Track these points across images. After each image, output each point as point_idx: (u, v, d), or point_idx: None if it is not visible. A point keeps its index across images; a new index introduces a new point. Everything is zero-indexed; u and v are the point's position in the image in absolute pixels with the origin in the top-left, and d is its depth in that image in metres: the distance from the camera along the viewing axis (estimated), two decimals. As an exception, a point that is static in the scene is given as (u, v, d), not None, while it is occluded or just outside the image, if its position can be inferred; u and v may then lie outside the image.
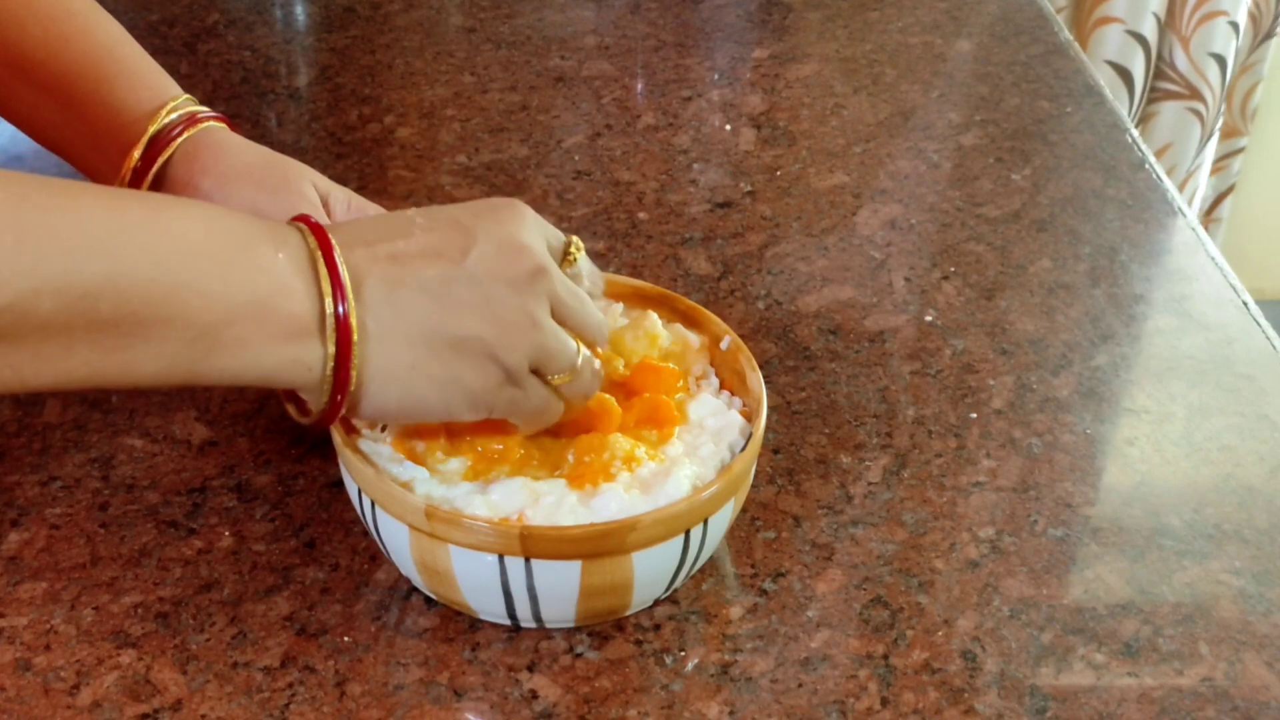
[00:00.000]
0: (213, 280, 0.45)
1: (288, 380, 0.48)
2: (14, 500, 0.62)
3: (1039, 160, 0.93)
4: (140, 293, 0.43)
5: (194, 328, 0.45)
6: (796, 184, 0.90)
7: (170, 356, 0.45)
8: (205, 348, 0.45)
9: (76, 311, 0.42)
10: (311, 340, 0.47)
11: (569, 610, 0.55)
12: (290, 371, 0.48)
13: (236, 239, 0.46)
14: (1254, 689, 0.56)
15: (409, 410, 0.51)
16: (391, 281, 0.49)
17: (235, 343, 0.46)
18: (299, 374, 0.48)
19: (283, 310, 0.46)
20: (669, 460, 0.56)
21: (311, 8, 1.10)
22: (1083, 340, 0.76)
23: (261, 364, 0.47)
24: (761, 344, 0.74)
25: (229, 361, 0.46)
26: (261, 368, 0.47)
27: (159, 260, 0.44)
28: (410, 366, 0.49)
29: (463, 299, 0.50)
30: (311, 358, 0.47)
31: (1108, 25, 1.81)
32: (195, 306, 0.45)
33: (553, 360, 0.53)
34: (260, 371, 0.47)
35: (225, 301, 0.45)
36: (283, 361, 0.47)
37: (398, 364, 0.49)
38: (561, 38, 1.06)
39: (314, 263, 0.47)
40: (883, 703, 0.55)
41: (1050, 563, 0.62)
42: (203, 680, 0.54)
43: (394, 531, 0.54)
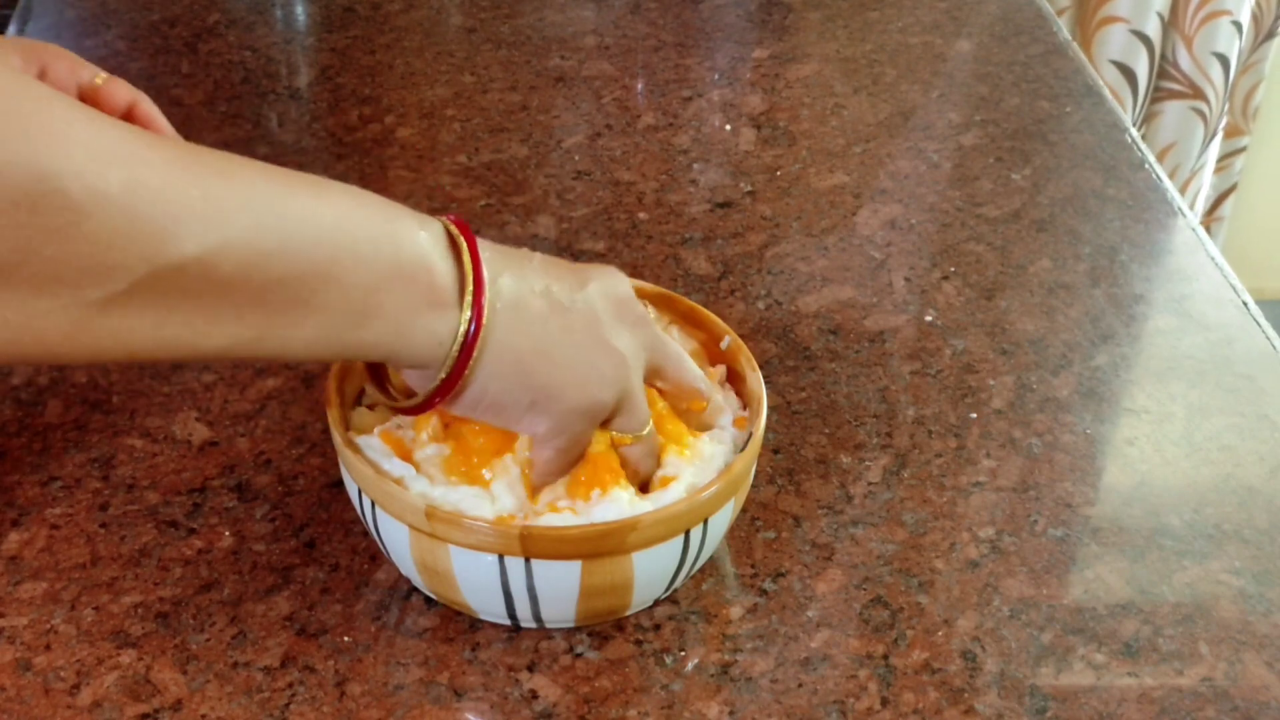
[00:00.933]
0: (368, 248, 0.47)
1: (417, 352, 0.49)
2: (14, 500, 0.62)
3: (1039, 160, 0.93)
4: (306, 257, 0.45)
5: (349, 294, 0.46)
6: (796, 184, 0.90)
7: (326, 324, 0.46)
8: (357, 315, 0.47)
9: (253, 272, 0.44)
10: (448, 311, 0.49)
11: (569, 610, 0.55)
12: (424, 344, 0.49)
13: (384, 214, 0.48)
14: (1254, 689, 0.56)
15: (501, 406, 0.52)
16: (520, 281, 0.51)
17: (382, 310, 0.47)
18: (430, 347, 0.49)
19: (425, 280, 0.48)
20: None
21: (312, 8, 1.10)
22: (1083, 340, 0.76)
23: (402, 333, 0.48)
24: (761, 344, 0.74)
25: (376, 330, 0.48)
26: (401, 337, 0.48)
27: (322, 227, 0.46)
28: (519, 360, 0.51)
29: (575, 323, 0.52)
30: (445, 328, 0.49)
31: (1111, 25, 1.81)
32: (351, 271, 0.46)
33: (629, 414, 0.54)
34: (397, 344, 0.49)
35: (377, 267, 0.47)
36: (420, 332, 0.49)
37: (511, 358, 0.51)
38: (561, 38, 1.06)
39: (455, 243, 0.50)
40: (883, 703, 0.55)
41: (1050, 563, 0.62)
42: (203, 680, 0.54)
43: (394, 531, 0.54)
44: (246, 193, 0.44)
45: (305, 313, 0.46)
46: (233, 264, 0.43)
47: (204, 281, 0.43)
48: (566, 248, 0.82)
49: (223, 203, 0.43)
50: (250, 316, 0.45)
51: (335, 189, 0.48)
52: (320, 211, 0.46)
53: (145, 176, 0.41)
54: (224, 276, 0.43)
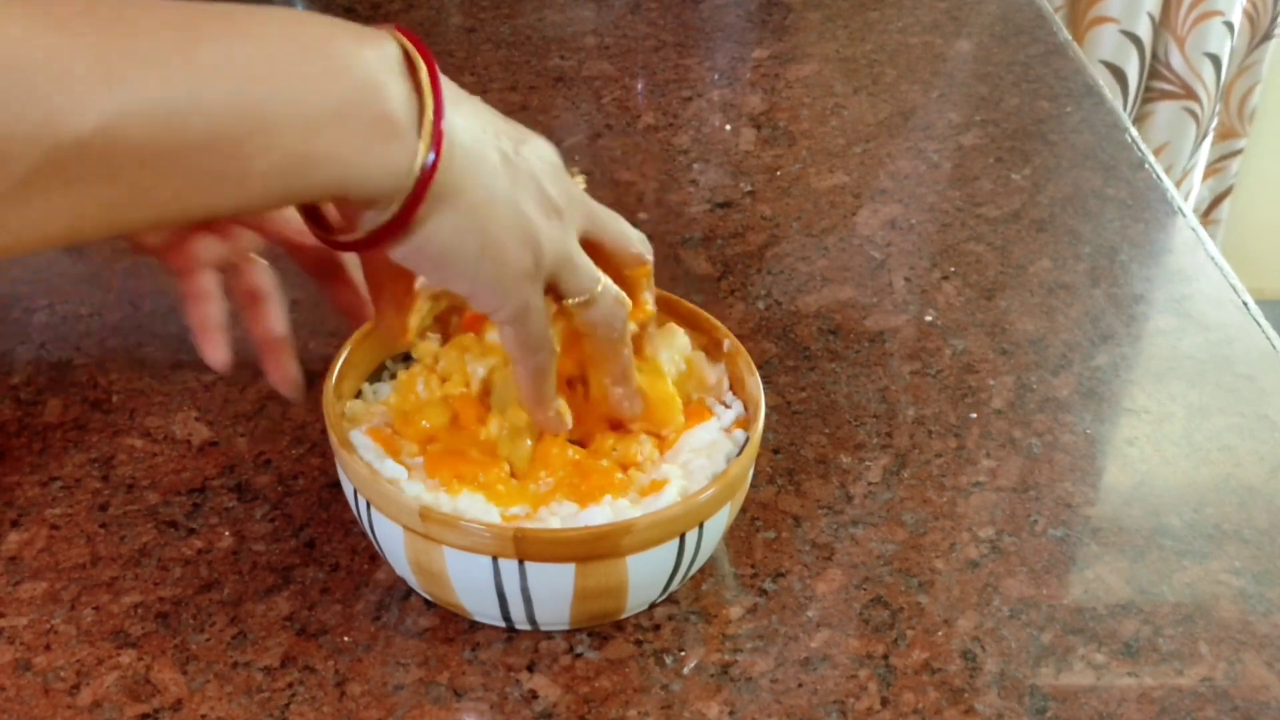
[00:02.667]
0: (302, 87, 0.42)
1: (371, 186, 0.44)
2: (14, 500, 0.62)
3: (1039, 160, 0.93)
4: (229, 110, 0.40)
5: (286, 142, 0.42)
6: (796, 184, 0.90)
7: (264, 179, 0.42)
8: (299, 162, 0.42)
9: (166, 135, 0.39)
10: (405, 140, 0.44)
11: (563, 613, 0.55)
12: (376, 177, 0.44)
13: (319, 41, 0.43)
14: (1254, 689, 0.56)
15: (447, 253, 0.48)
16: (473, 120, 0.47)
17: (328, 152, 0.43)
18: (384, 179, 0.44)
19: (375, 109, 0.43)
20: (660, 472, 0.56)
21: (312, 8, 1.10)
22: (1083, 340, 0.76)
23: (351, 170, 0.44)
24: (761, 344, 0.74)
25: (322, 173, 0.43)
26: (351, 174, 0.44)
27: (244, 72, 0.41)
28: (470, 208, 0.47)
29: (520, 176, 0.49)
30: (400, 159, 0.44)
31: (1102, 25, 1.82)
32: (285, 117, 0.41)
33: (575, 274, 0.51)
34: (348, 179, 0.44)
35: (317, 108, 0.42)
36: (371, 164, 0.44)
37: (464, 200, 0.47)
38: (561, 38, 1.06)
39: (411, 62, 0.45)
40: (883, 703, 0.55)
41: (1050, 563, 0.62)
42: (203, 680, 0.54)
43: (389, 532, 0.54)
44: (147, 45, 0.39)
45: (238, 172, 0.41)
46: (141, 132, 0.38)
47: (112, 156, 0.38)
48: (566, 248, 0.82)
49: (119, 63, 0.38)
50: (174, 185, 0.40)
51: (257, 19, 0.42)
52: (239, 53, 0.41)
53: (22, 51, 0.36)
54: (134, 147, 0.38)
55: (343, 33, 0.44)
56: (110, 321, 0.74)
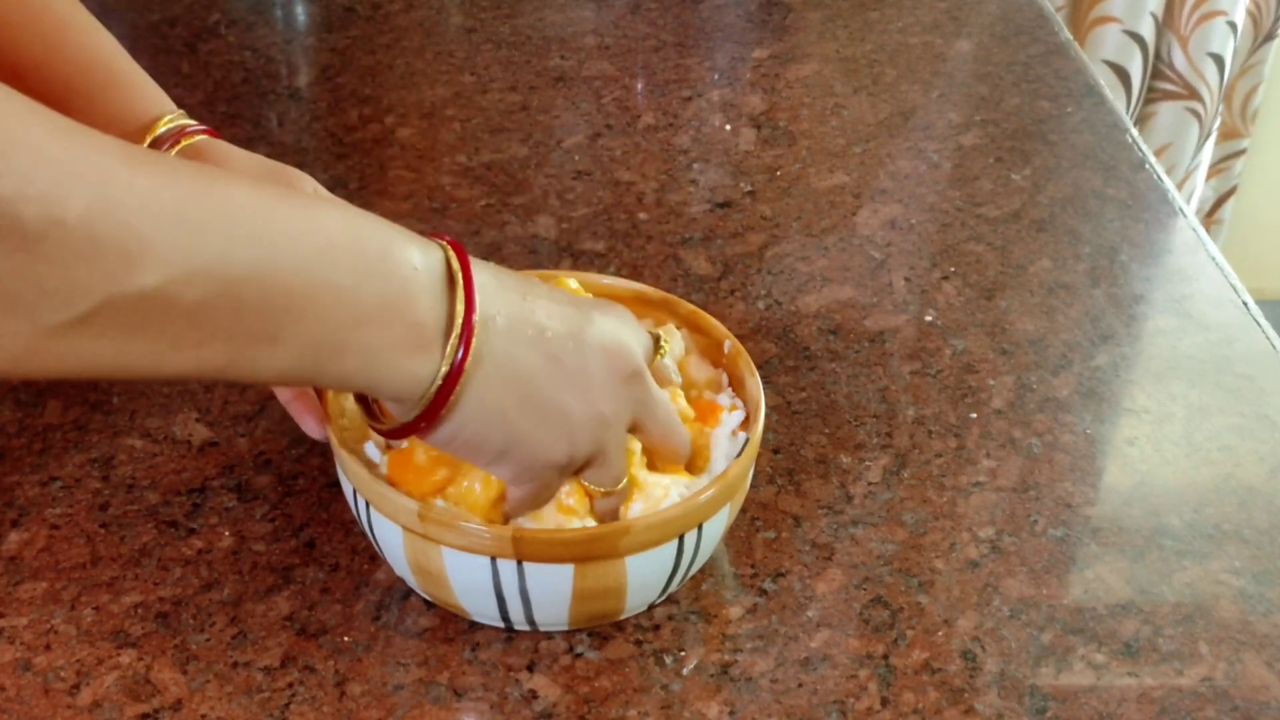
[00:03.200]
0: (350, 279, 0.44)
1: (394, 389, 0.47)
2: (14, 500, 0.62)
3: (1039, 160, 0.93)
4: (282, 285, 0.42)
5: (326, 326, 0.44)
6: (796, 184, 0.90)
7: (298, 356, 0.44)
8: (332, 349, 0.44)
9: (221, 300, 0.41)
10: (431, 353, 0.46)
11: (562, 614, 0.55)
12: (401, 382, 0.47)
13: (376, 242, 0.45)
14: (1254, 689, 0.56)
15: (474, 448, 0.50)
16: (516, 321, 0.49)
17: (360, 347, 0.45)
18: (407, 385, 0.47)
19: (409, 318, 0.46)
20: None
21: (312, 8, 1.10)
22: (1083, 340, 0.76)
23: (377, 370, 0.46)
24: (761, 344, 0.74)
25: (351, 365, 0.45)
26: (376, 374, 0.46)
27: (302, 254, 0.43)
28: (500, 409, 0.49)
29: (569, 371, 0.50)
30: (425, 370, 0.46)
31: (1105, 25, 1.81)
32: (330, 304, 0.43)
33: (603, 468, 0.53)
34: (374, 378, 0.46)
35: (359, 302, 0.44)
36: (398, 371, 0.46)
37: (492, 402, 0.48)
38: (561, 38, 1.06)
39: (452, 278, 0.47)
40: (883, 703, 0.55)
41: (1050, 563, 0.62)
42: (203, 680, 0.54)
43: (388, 532, 0.54)
44: (221, 216, 0.41)
45: (276, 344, 0.43)
46: (199, 292, 0.40)
47: (168, 309, 0.40)
48: (566, 248, 0.82)
49: (193, 228, 0.40)
50: (216, 344, 0.42)
51: (326, 209, 0.45)
52: (304, 239, 0.43)
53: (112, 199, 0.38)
54: (189, 305, 0.40)
55: (398, 236, 0.46)
56: (110, 321, 0.74)
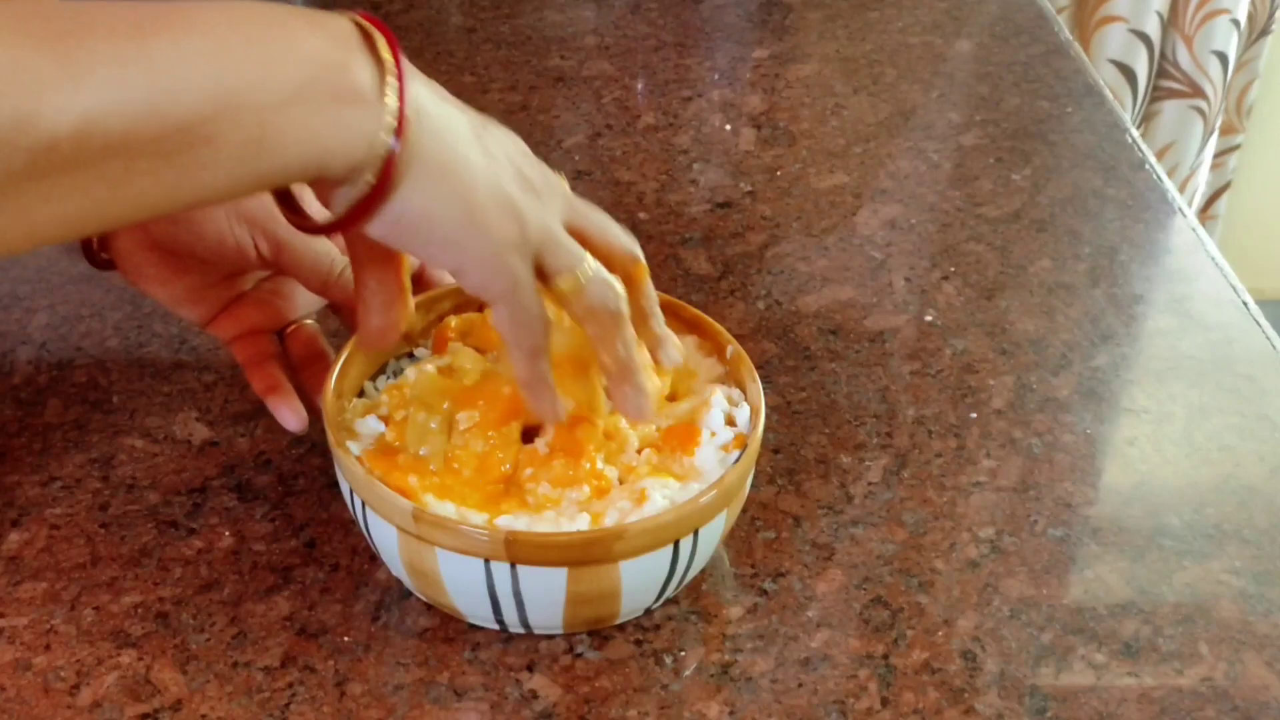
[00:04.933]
0: (262, 69, 0.43)
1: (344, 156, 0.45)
2: (14, 500, 0.62)
3: (1039, 160, 0.93)
4: (192, 99, 0.41)
5: (253, 122, 0.43)
6: (796, 184, 0.90)
7: (239, 159, 0.43)
8: (271, 141, 0.44)
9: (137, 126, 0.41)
10: (369, 108, 0.45)
11: (556, 617, 0.55)
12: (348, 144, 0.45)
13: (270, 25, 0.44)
14: (1254, 689, 0.56)
15: (429, 222, 0.48)
16: (434, 93, 0.48)
17: (296, 128, 0.44)
18: (355, 146, 0.45)
19: (338, 80, 0.45)
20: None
21: (314, 5, 1.10)
22: (1083, 340, 0.76)
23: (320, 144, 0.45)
24: (761, 344, 0.74)
25: (292, 150, 0.44)
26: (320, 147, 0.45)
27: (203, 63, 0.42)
28: (445, 175, 0.47)
29: (494, 146, 0.49)
30: (367, 124, 0.45)
31: (1111, 24, 1.81)
32: (249, 99, 0.43)
33: (560, 251, 0.51)
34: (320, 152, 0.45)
35: (279, 87, 0.43)
36: (341, 135, 0.45)
37: (437, 165, 0.47)
38: (561, 38, 1.06)
39: (370, 37, 0.46)
40: (883, 703, 0.55)
41: (1050, 563, 0.62)
42: (203, 680, 0.54)
43: (383, 533, 0.54)
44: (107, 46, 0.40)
45: (212, 154, 0.42)
46: (113, 126, 0.40)
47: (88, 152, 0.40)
48: (566, 248, 0.82)
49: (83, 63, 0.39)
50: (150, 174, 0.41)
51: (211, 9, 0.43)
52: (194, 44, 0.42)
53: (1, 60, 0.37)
54: (108, 142, 0.40)
55: (295, 16, 0.45)
56: (110, 321, 0.74)
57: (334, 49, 0.45)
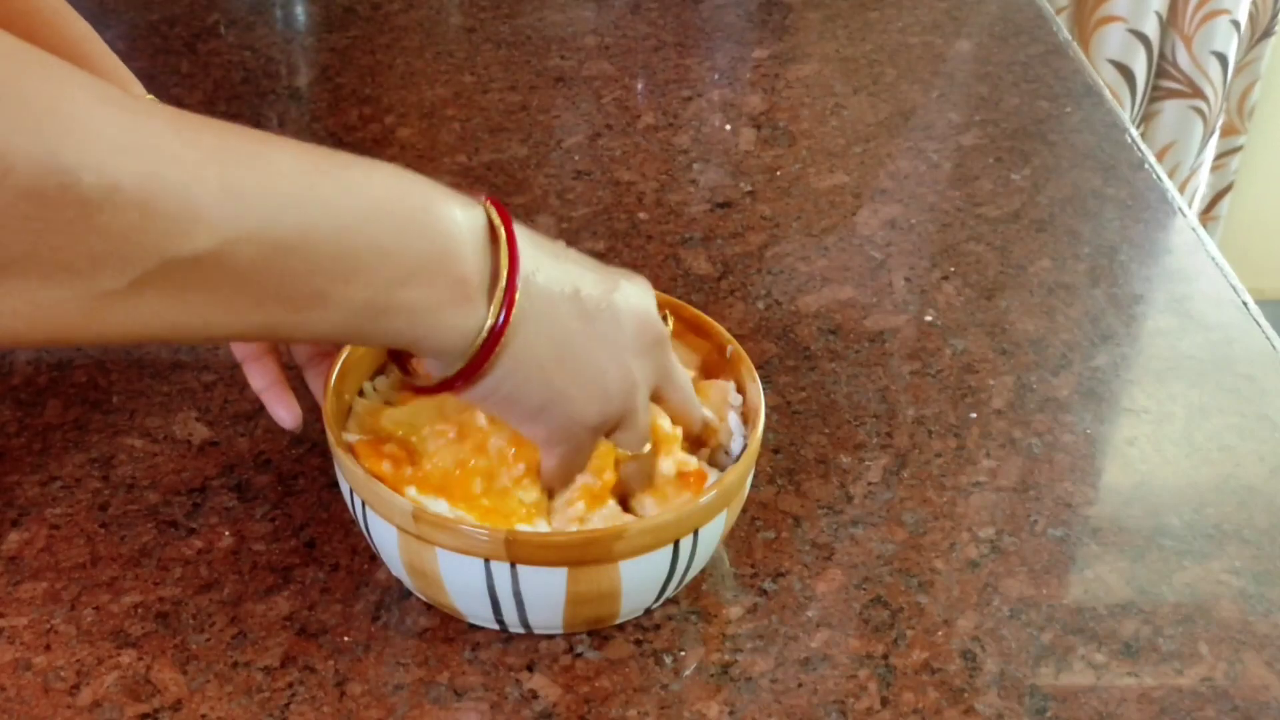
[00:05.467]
0: (394, 239, 0.45)
1: (438, 344, 0.48)
2: (14, 500, 0.62)
3: (1039, 160, 0.93)
4: (329, 249, 0.43)
5: (372, 287, 0.45)
6: (796, 184, 0.90)
7: (346, 316, 0.45)
8: (379, 308, 0.45)
9: (270, 265, 0.42)
10: (475, 307, 0.47)
11: (556, 617, 0.55)
12: (445, 337, 0.47)
13: (419, 200, 0.46)
14: (1254, 689, 0.56)
15: (511, 404, 0.51)
16: (554, 280, 0.50)
17: (406, 304, 0.46)
18: (451, 339, 0.48)
19: (454, 274, 0.46)
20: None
21: (312, 8, 1.10)
22: (1083, 340, 0.76)
23: (423, 327, 0.47)
24: (761, 344, 0.74)
25: (396, 323, 0.46)
26: (422, 330, 0.47)
27: (347, 216, 0.44)
28: (539, 365, 0.50)
29: (602, 331, 0.51)
30: (470, 324, 0.47)
31: (1110, 24, 1.81)
32: (376, 265, 0.44)
33: (632, 431, 0.54)
34: (419, 334, 0.47)
35: (404, 261, 0.45)
36: (442, 326, 0.47)
37: (531, 357, 0.49)
38: (561, 38, 1.06)
39: (494, 233, 0.48)
40: (883, 703, 0.55)
41: (1050, 563, 0.62)
42: (203, 680, 0.54)
43: (383, 533, 0.54)
44: (270, 181, 0.42)
45: (325, 305, 0.44)
46: (250, 257, 0.41)
47: (219, 273, 0.41)
48: (566, 248, 0.82)
49: (243, 193, 0.41)
50: (266, 307, 0.43)
51: (368, 172, 0.45)
52: (346, 200, 0.44)
53: (164, 168, 0.39)
54: (240, 269, 0.41)
55: (441, 195, 0.47)
56: (110, 322, 0.74)
57: (463, 234, 0.47)
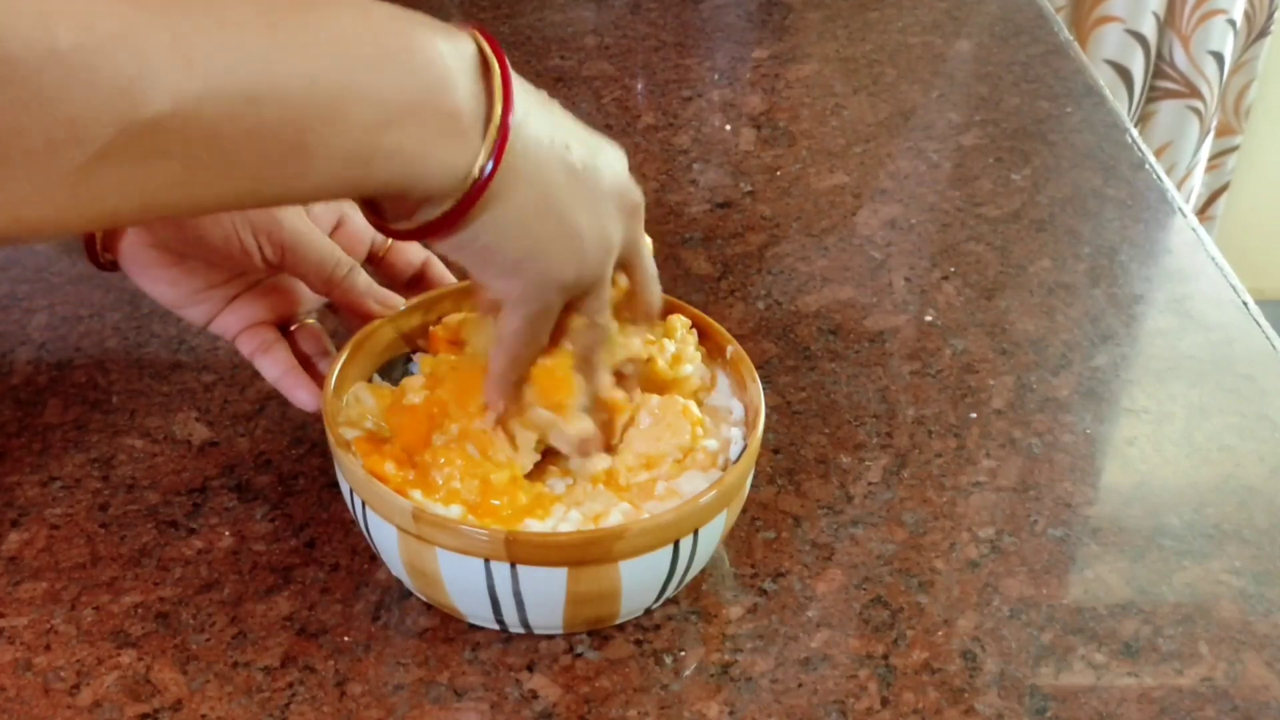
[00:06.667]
0: (373, 78, 0.42)
1: (429, 184, 0.45)
2: (14, 500, 0.62)
3: (1039, 160, 0.93)
4: (299, 97, 0.40)
5: (355, 133, 0.42)
6: (796, 184, 0.90)
7: (331, 168, 0.42)
8: (365, 155, 0.43)
9: (239, 119, 0.39)
10: (468, 143, 0.44)
11: (556, 617, 0.55)
12: (436, 175, 0.45)
13: (396, 34, 0.43)
14: (1254, 689, 0.56)
15: (489, 255, 0.48)
16: (544, 129, 0.47)
17: (394, 148, 0.43)
18: (442, 177, 0.45)
19: (444, 108, 0.43)
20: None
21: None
22: (1083, 340, 0.76)
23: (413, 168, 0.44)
24: (761, 344, 0.74)
25: (386, 168, 0.43)
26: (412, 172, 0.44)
27: (317, 61, 0.41)
28: (523, 214, 0.47)
29: (586, 189, 0.49)
30: (462, 160, 0.44)
31: (1107, 24, 1.82)
32: (356, 110, 0.42)
33: (598, 297, 0.52)
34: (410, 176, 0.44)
35: (386, 101, 0.42)
36: (433, 164, 0.44)
37: (518, 203, 0.47)
38: (561, 38, 1.06)
39: (486, 65, 0.45)
40: (883, 703, 0.55)
41: (1050, 563, 0.62)
42: (203, 680, 0.54)
43: (383, 533, 0.54)
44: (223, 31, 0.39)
45: (307, 158, 0.41)
46: (214, 114, 0.38)
47: (185, 135, 0.38)
48: (566, 247, 0.82)
49: (196, 45, 0.38)
50: (244, 168, 0.40)
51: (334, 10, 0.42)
52: (312, 43, 0.41)
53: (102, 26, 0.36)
54: (206, 128, 0.38)
55: (421, 25, 0.44)
56: (110, 321, 0.74)
57: (451, 67, 0.44)
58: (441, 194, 0.45)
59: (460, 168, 0.44)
